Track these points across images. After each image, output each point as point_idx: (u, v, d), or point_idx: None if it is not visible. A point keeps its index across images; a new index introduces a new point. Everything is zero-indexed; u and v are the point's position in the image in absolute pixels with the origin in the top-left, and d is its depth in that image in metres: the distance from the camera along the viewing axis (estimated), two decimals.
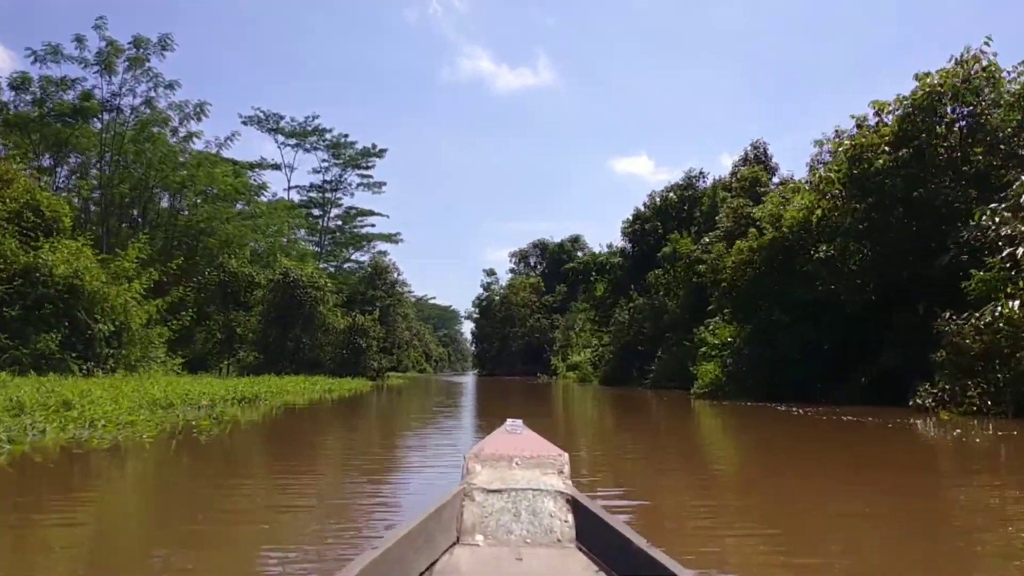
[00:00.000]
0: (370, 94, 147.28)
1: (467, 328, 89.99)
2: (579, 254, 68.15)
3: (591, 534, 2.38)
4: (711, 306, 23.35)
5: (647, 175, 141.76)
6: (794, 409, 14.14)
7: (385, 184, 60.78)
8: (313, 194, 59.31)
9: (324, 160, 58.51)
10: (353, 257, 63.81)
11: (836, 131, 18.06)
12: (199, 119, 31.94)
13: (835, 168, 17.11)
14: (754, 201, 24.92)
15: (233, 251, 32.30)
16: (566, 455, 2.75)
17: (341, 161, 58.62)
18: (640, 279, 35.85)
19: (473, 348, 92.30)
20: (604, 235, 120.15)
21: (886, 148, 15.79)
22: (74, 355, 16.54)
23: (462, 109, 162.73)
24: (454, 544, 2.37)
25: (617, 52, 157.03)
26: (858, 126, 17.12)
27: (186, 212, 33.17)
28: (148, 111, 31.00)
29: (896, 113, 16.14)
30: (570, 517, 2.46)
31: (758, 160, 31.72)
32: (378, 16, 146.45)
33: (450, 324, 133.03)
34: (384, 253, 68.27)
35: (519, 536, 2.40)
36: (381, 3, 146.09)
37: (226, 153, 36.98)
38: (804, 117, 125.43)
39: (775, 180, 28.93)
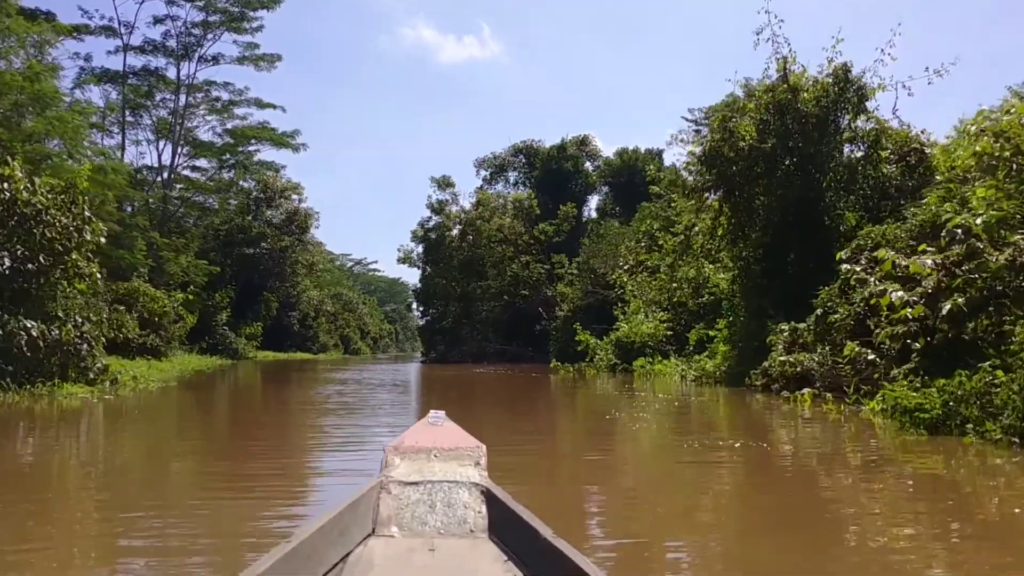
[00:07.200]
0: (298, 62, 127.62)
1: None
2: (588, 165, 44.10)
3: (503, 525, 2.38)
4: None
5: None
6: None
7: (280, 59, 38.79)
8: (155, 59, 36.84)
9: (174, 3, 36.10)
10: (229, 176, 41.41)
11: None
12: None
13: None
14: None
15: None
16: (484, 447, 2.71)
17: (204, 9, 36.47)
18: None
19: (418, 316, 55.50)
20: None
21: None
22: None
23: (402, 79, 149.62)
24: (369, 536, 2.34)
25: (564, 26, 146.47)
26: None
27: None
28: None
29: None
30: (484, 508, 2.46)
31: None
32: None
33: (400, 298, 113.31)
34: (301, 194, 46.53)
35: (433, 527, 2.39)
36: None
37: None
38: None
39: None
